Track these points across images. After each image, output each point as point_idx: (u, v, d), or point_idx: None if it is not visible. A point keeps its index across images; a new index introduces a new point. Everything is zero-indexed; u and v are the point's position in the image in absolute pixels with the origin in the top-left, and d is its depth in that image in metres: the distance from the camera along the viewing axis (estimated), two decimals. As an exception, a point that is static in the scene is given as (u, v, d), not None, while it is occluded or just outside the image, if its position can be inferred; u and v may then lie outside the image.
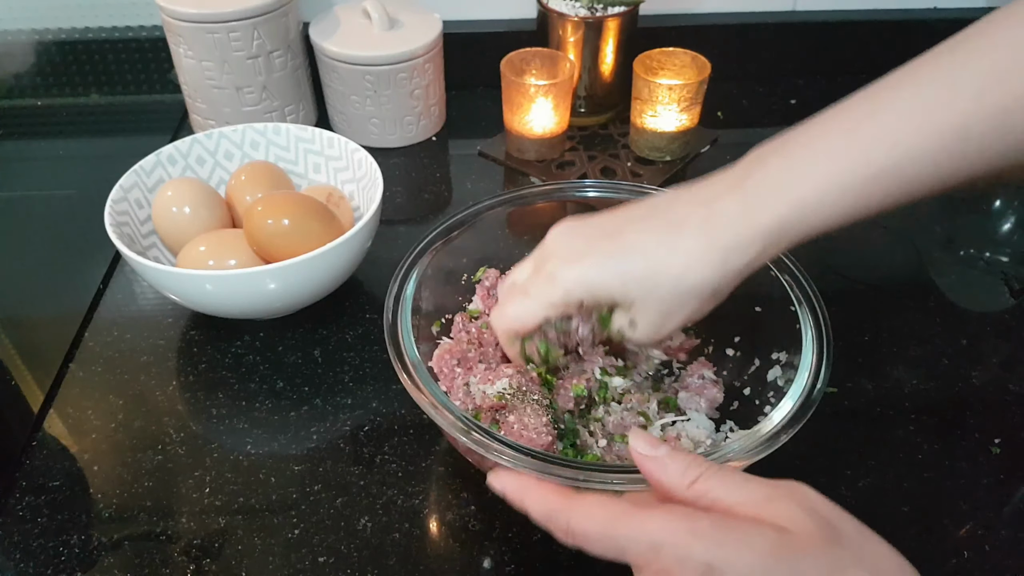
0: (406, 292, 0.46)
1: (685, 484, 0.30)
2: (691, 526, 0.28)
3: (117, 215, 0.56)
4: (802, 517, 0.28)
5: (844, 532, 0.29)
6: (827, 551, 0.27)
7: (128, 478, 0.48)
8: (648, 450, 0.32)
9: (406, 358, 0.42)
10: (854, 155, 0.35)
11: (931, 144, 0.33)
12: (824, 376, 0.41)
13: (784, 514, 0.28)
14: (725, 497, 0.30)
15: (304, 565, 0.44)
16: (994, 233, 0.69)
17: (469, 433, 0.38)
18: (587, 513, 0.31)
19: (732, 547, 0.28)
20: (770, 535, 0.28)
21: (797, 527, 0.28)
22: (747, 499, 0.29)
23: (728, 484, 0.30)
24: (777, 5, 0.85)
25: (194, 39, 0.69)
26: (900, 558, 0.29)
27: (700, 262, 0.37)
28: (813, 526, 0.28)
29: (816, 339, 0.43)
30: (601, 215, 0.42)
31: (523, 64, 0.73)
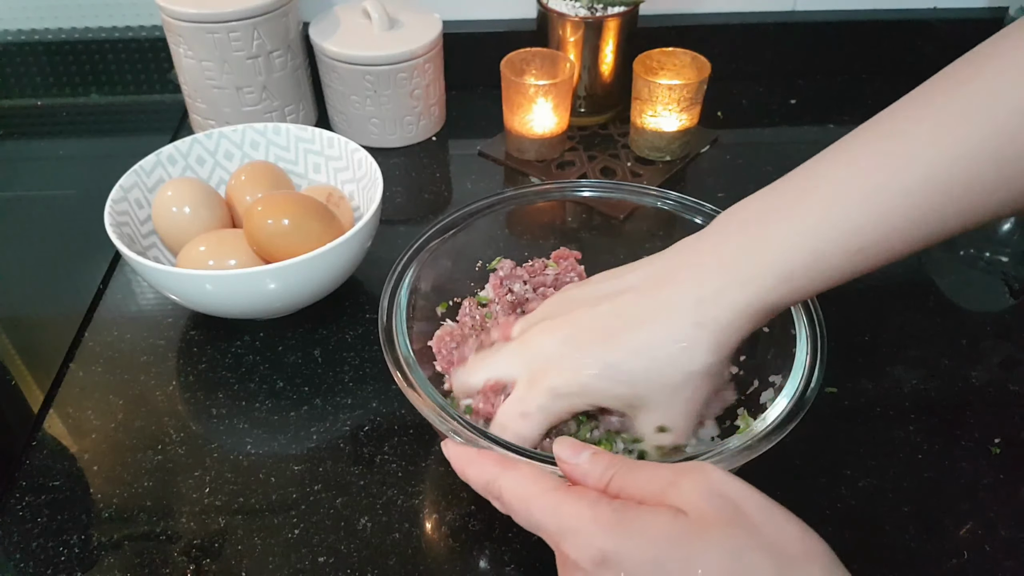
0: (400, 294, 0.46)
1: (603, 484, 0.31)
2: (593, 513, 0.29)
3: (117, 215, 0.56)
4: (702, 499, 0.28)
5: (746, 512, 0.28)
6: (725, 533, 0.27)
7: (128, 478, 0.48)
8: (570, 456, 0.32)
9: (400, 359, 0.42)
10: (835, 218, 0.34)
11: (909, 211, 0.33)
12: (818, 374, 0.41)
13: (684, 497, 0.29)
14: (636, 489, 0.30)
15: (304, 565, 0.44)
16: (994, 233, 0.69)
17: (463, 434, 0.38)
18: (516, 485, 0.32)
19: (626, 535, 0.28)
20: (665, 520, 0.28)
21: (696, 510, 0.28)
22: (652, 485, 0.30)
23: (637, 475, 0.31)
24: (777, 5, 0.85)
25: (194, 39, 0.69)
26: (810, 536, 0.28)
27: (699, 347, 0.37)
28: (712, 508, 0.28)
29: (810, 337, 0.43)
30: (581, 312, 0.40)
31: (523, 64, 0.73)
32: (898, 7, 0.86)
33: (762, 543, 0.27)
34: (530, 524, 0.32)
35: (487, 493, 0.34)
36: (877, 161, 0.34)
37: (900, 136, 0.34)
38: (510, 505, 0.33)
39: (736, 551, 0.27)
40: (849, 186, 0.34)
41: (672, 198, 0.52)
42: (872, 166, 0.34)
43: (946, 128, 0.32)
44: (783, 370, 0.43)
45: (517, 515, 0.32)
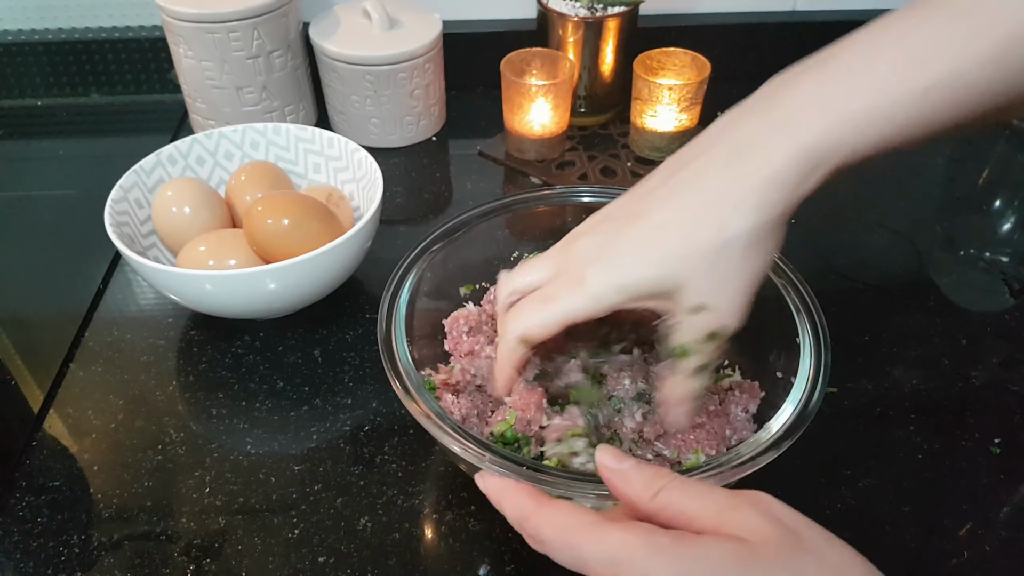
0: (399, 301, 0.46)
1: (648, 496, 0.30)
2: (649, 541, 0.28)
3: (117, 215, 0.56)
4: (762, 525, 0.27)
5: (807, 539, 0.28)
6: (788, 559, 0.27)
7: (128, 478, 0.48)
8: (614, 464, 0.31)
9: (399, 365, 0.42)
10: (907, 65, 0.31)
11: (992, 51, 0.30)
12: (823, 381, 0.41)
13: (744, 523, 0.28)
14: (687, 509, 0.29)
15: (304, 565, 0.44)
16: (994, 233, 0.69)
17: (461, 443, 0.37)
18: (553, 520, 0.30)
19: (689, 562, 0.27)
20: (728, 546, 0.27)
21: (757, 536, 0.27)
22: (708, 510, 0.29)
23: (690, 495, 0.29)
24: (777, 5, 0.85)
25: (194, 39, 0.69)
26: (867, 564, 0.28)
27: (737, 207, 0.33)
28: (774, 534, 0.27)
29: (814, 344, 0.43)
30: (618, 200, 0.38)
31: (523, 64, 0.73)
32: (898, 7, 0.86)
33: (827, 569, 0.27)
34: (573, 559, 0.29)
35: (520, 527, 0.32)
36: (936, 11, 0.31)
37: None
38: (550, 540, 0.30)
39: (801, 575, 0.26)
40: (912, 35, 0.32)
41: None
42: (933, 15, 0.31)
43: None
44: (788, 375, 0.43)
45: (556, 551, 0.30)
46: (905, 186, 0.73)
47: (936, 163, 0.78)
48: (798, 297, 0.45)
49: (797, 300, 0.45)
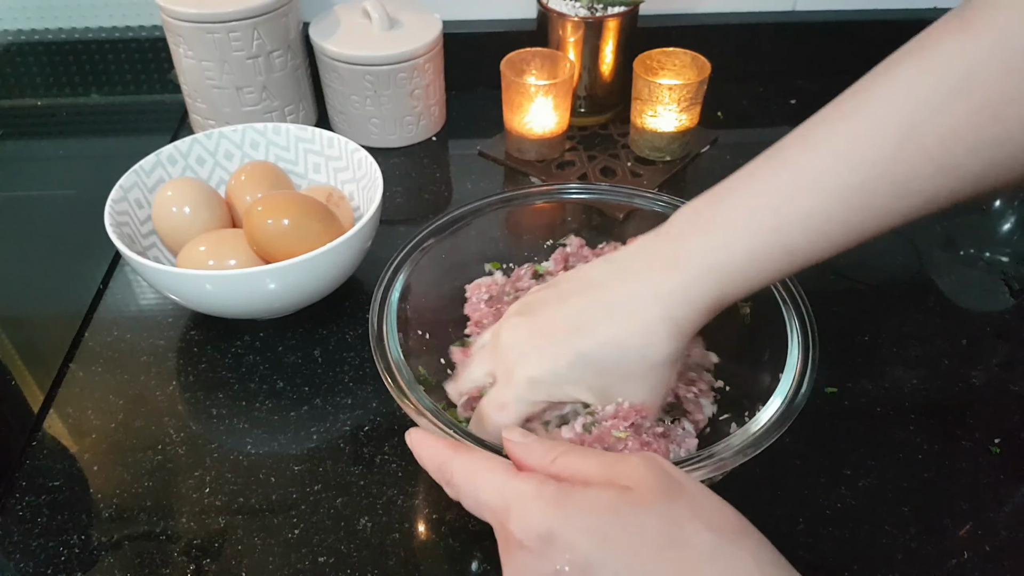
0: (391, 298, 0.46)
1: (548, 462, 0.32)
2: (538, 489, 0.30)
3: (117, 215, 0.56)
4: (647, 475, 0.29)
5: (687, 489, 0.30)
6: (667, 504, 0.28)
7: (128, 478, 0.48)
8: (518, 438, 0.34)
9: (391, 362, 0.42)
10: (771, 212, 0.36)
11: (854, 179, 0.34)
12: (810, 374, 0.41)
13: (631, 473, 0.29)
14: (581, 468, 0.31)
15: (304, 565, 0.44)
16: (994, 233, 0.69)
17: (453, 438, 0.38)
18: (464, 467, 0.33)
19: (572, 509, 0.29)
20: (610, 493, 0.29)
21: (640, 484, 0.29)
22: (600, 466, 0.30)
23: (584, 457, 0.31)
24: (777, 5, 0.85)
25: (194, 39, 0.69)
26: (744, 520, 0.30)
27: (662, 336, 0.39)
28: (655, 482, 0.29)
29: (801, 340, 0.43)
30: (546, 309, 0.42)
31: (523, 64, 0.73)
32: (898, 7, 0.86)
33: (703, 515, 0.28)
34: (477, 505, 0.32)
35: (439, 477, 0.35)
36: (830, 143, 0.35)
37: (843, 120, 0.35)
38: (459, 486, 0.33)
39: (678, 520, 0.28)
40: (797, 170, 0.35)
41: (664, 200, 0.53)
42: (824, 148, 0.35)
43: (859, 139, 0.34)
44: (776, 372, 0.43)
45: (465, 496, 0.33)
46: (905, 186, 0.73)
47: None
48: (784, 290, 0.46)
49: (784, 293, 0.45)
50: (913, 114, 0.32)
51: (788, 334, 0.44)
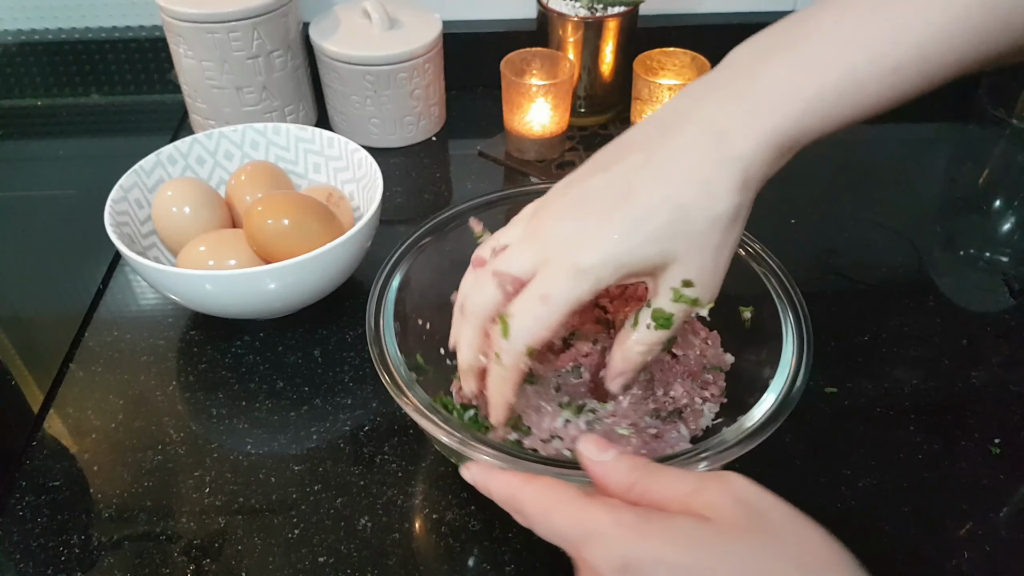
0: (388, 295, 0.46)
1: (626, 486, 0.31)
2: (615, 518, 0.29)
3: (117, 215, 0.56)
4: (727, 505, 0.28)
5: (770, 520, 0.28)
6: (747, 540, 0.27)
7: (128, 478, 0.48)
8: (595, 455, 0.32)
9: (388, 360, 0.42)
10: (877, 45, 0.32)
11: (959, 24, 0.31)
12: (805, 369, 0.41)
13: (710, 503, 0.28)
14: (661, 495, 0.30)
15: (304, 565, 0.44)
16: (994, 233, 0.69)
17: (451, 436, 0.38)
18: (535, 496, 0.32)
19: (650, 540, 0.28)
20: (690, 525, 0.28)
21: (720, 515, 0.28)
22: (678, 492, 0.30)
23: (663, 481, 0.30)
24: (777, 5, 0.85)
25: (194, 39, 0.69)
26: (832, 545, 0.28)
27: (724, 186, 0.34)
28: (736, 514, 0.28)
29: (796, 332, 0.43)
30: (587, 180, 0.37)
31: (523, 64, 0.73)
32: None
33: (785, 551, 0.27)
34: (551, 533, 0.31)
35: (508, 506, 0.33)
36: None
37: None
38: (531, 516, 0.32)
39: (760, 558, 0.27)
40: (878, 6, 0.33)
41: None
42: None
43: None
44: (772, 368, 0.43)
45: (538, 525, 0.31)
46: (905, 186, 0.73)
47: (936, 163, 0.78)
48: (779, 285, 0.46)
49: (778, 287, 0.45)
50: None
51: (783, 330, 0.43)
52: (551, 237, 0.36)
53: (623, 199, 0.35)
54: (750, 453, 0.38)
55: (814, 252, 0.65)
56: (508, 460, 0.36)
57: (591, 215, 0.36)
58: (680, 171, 0.34)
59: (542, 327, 0.36)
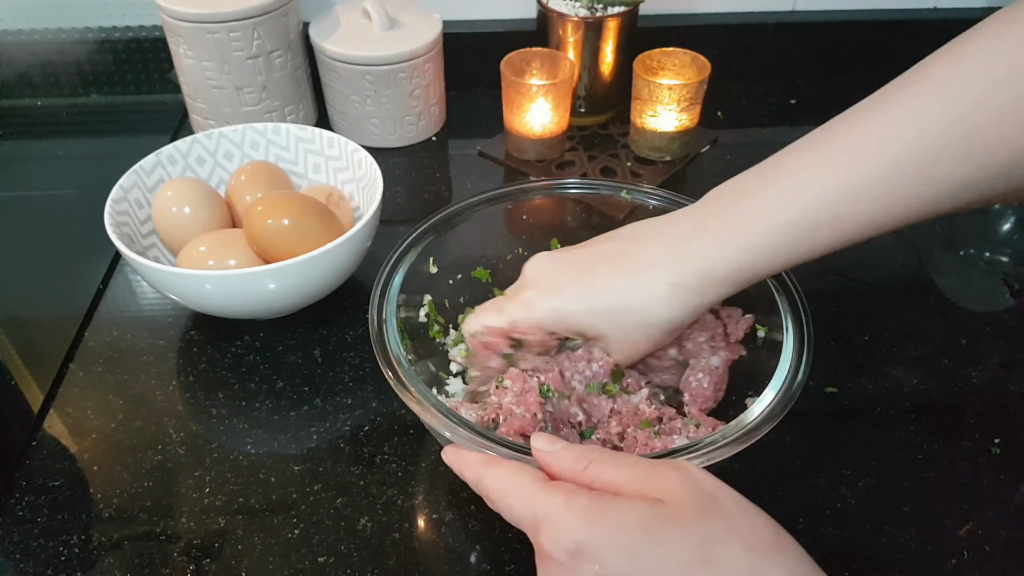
0: (390, 291, 0.46)
1: (579, 470, 0.32)
2: (567, 501, 0.29)
3: (117, 215, 0.56)
4: (680, 489, 0.29)
5: (722, 504, 0.29)
6: (700, 522, 0.28)
7: (128, 478, 0.48)
8: (546, 446, 0.34)
9: (391, 354, 0.42)
10: (808, 195, 0.36)
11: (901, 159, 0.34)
12: (805, 367, 0.41)
13: (663, 487, 0.29)
14: (614, 478, 0.30)
15: (304, 565, 0.44)
16: (994, 233, 0.69)
17: (455, 430, 0.38)
18: (497, 479, 0.33)
19: (601, 522, 0.28)
20: (642, 508, 0.28)
21: (673, 499, 0.28)
22: (632, 476, 0.30)
23: (616, 465, 0.31)
24: (777, 5, 0.85)
25: (194, 39, 0.69)
26: (781, 532, 0.29)
27: (664, 301, 0.40)
28: (689, 497, 0.28)
29: (796, 329, 0.43)
30: (575, 250, 0.44)
31: (523, 64, 0.73)
32: (898, 7, 0.86)
33: (736, 533, 0.28)
34: (511, 518, 0.32)
35: (477, 488, 0.35)
36: (848, 142, 0.36)
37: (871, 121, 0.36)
38: (494, 500, 0.33)
39: (710, 539, 0.27)
40: (820, 165, 0.37)
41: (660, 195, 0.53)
42: (843, 146, 0.36)
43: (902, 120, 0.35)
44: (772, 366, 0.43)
45: (499, 509, 0.33)
46: (905, 186, 0.73)
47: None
48: (780, 284, 0.46)
49: (778, 284, 0.46)
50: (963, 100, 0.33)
51: (783, 329, 0.43)
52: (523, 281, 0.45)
53: (588, 273, 0.42)
54: (750, 452, 0.38)
55: (814, 252, 0.65)
56: (509, 455, 0.36)
57: (556, 274, 0.43)
58: (637, 277, 0.40)
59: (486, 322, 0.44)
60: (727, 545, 0.27)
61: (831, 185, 0.36)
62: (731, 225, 0.38)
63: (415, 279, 0.49)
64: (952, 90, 0.33)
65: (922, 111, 0.34)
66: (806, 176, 0.37)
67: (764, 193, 0.38)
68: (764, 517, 0.29)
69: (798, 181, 0.37)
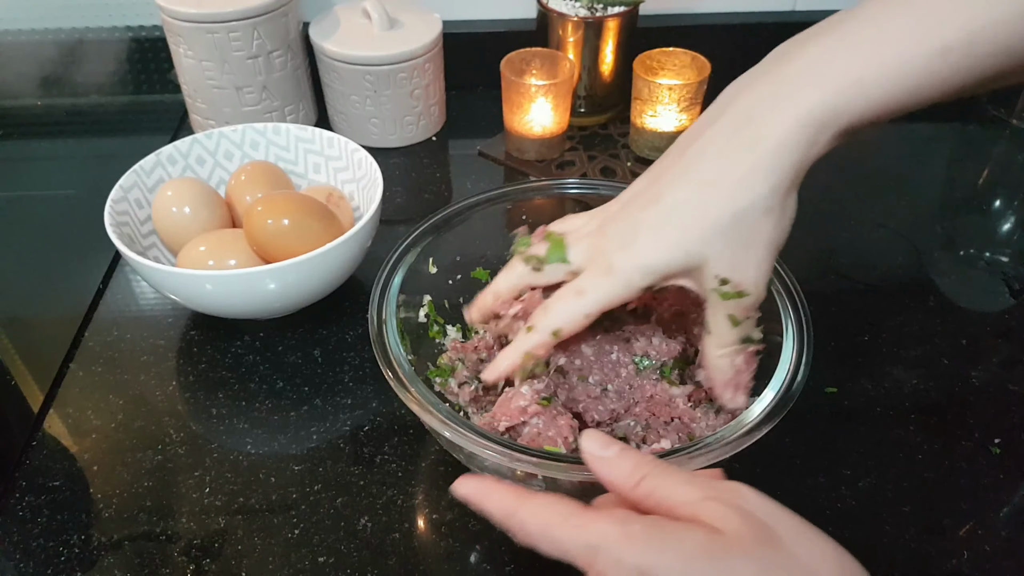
0: (390, 291, 0.46)
1: (632, 484, 0.31)
2: (625, 530, 0.28)
3: (117, 215, 0.56)
4: (736, 518, 0.28)
5: (779, 534, 0.28)
6: (757, 553, 0.27)
7: (128, 478, 0.48)
8: (598, 450, 0.32)
9: (391, 355, 0.42)
10: (923, 26, 0.31)
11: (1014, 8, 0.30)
12: (805, 367, 0.41)
13: (719, 514, 0.28)
14: (668, 497, 0.30)
15: (304, 565, 0.44)
16: (994, 233, 0.69)
17: (454, 430, 0.38)
18: (535, 513, 0.31)
19: (661, 550, 0.27)
20: (700, 537, 0.27)
21: (730, 528, 0.28)
22: (687, 498, 0.29)
23: (671, 484, 0.30)
24: (777, 5, 0.85)
25: (194, 39, 0.69)
26: (844, 557, 0.28)
27: (746, 178, 0.33)
28: (745, 527, 0.28)
29: (796, 329, 0.43)
30: (643, 177, 0.39)
31: (523, 64, 0.73)
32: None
33: (794, 566, 0.27)
34: (556, 550, 0.30)
35: (506, 524, 0.33)
36: None
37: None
38: (533, 535, 0.31)
39: (768, 571, 0.27)
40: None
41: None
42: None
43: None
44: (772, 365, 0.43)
45: (540, 542, 0.31)
46: (905, 186, 0.73)
47: (936, 163, 0.78)
48: (779, 284, 0.46)
49: (779, 285, 0.45)
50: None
51: (783, 328, 0.43)
52: (600, 238, 0.38)
53: (651, 203, 0.36)
54: (750, 452, 0.38)
55: (814, 252, 0.65)
56: (511, 456, 0.36)
57: (627, 219, 0.37)
58: (703, 167, 0.34)
59: (570, 317, 0.38)
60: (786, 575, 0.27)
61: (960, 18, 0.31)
62: (820, 57, 0.33)
63: (415, 279, 0.49)
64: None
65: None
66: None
67: (847, 28, 0.33)
68: (827, 544, 0.29)
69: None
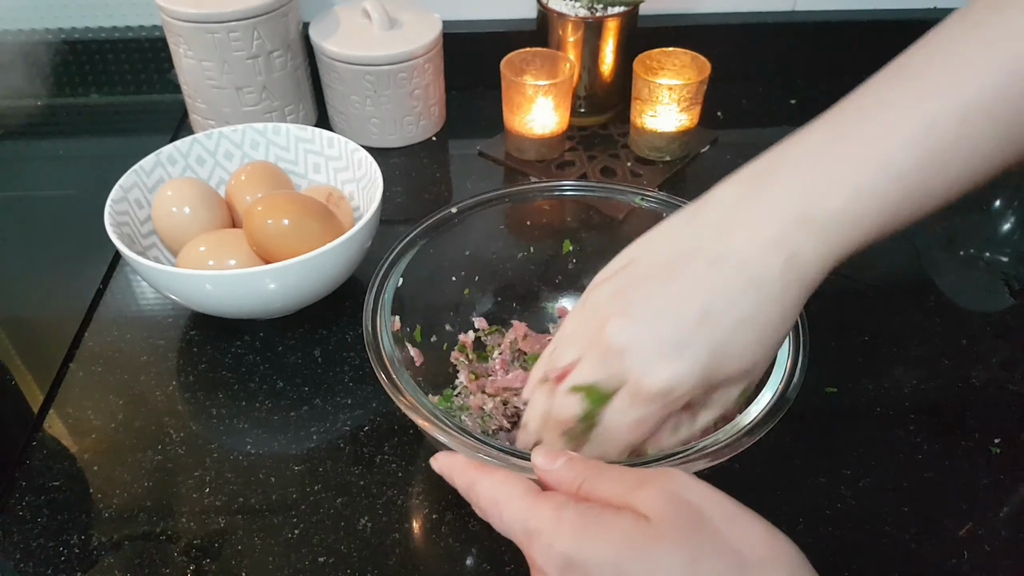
0: (385, 294, 0.46)
1: (575, 489, 0.31)
2: (558, 515, 0.29)
3: (117, 215, 0.56)
4: (665, 504, 0.28)
5: (709, 517, 0.28)
6: (684, 539, 0.27)
7: (128, 478, 0.48)
8: (547, 464, 0.32)
9: (384, 357, 0.42)
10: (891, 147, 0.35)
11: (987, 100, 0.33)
12: (801, 369, 0.41)
13: (648, 502, 0.28)
14: (605, 494, 0.30)
15: (304, 565, 0.44)
16: (994, 233, 0.69)
17: (448, 433, 0.38)
18: (488, 488, 0.33)
19: (589, 538, 0.28)
20: (627, 525, 0.28)
21: (658, 515, 0.28)
22: (619, 489, 0.30)
23: (606, 480, 0.31)
24: (777, 5, 0.85)
25: (194, 39, 0.69)
26: (776, 538, 0.28)
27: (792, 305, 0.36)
28: (674, 513, 0.28)
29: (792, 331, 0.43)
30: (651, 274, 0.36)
31: (523, 64, 0.73)
32: (898, 7, 0.86)
33: (722, 548, 0.27)
34: (502, 528, 0.32)
35: (468, 496, 0.34)
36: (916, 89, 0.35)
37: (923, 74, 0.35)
38: (485, 509, 0.33)
39: (695, 556, 0.27)
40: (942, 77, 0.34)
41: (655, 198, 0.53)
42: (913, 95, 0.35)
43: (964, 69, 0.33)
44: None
45: (491, 519, 0.32)
46: (905, 186, 0.73)
47: (936, 163, 0.78)
48: None
49: None
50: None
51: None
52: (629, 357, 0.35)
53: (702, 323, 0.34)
54: (750, 453, 0.38)
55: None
56: (504, 459, 0.36)
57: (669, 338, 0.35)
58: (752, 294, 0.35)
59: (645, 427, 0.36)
60: (712, 561, 0.27)
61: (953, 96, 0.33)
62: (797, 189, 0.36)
63: (412, 281, 0.49)
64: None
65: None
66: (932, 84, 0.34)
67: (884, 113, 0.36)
68: (758, 526, 0.28)
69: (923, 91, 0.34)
